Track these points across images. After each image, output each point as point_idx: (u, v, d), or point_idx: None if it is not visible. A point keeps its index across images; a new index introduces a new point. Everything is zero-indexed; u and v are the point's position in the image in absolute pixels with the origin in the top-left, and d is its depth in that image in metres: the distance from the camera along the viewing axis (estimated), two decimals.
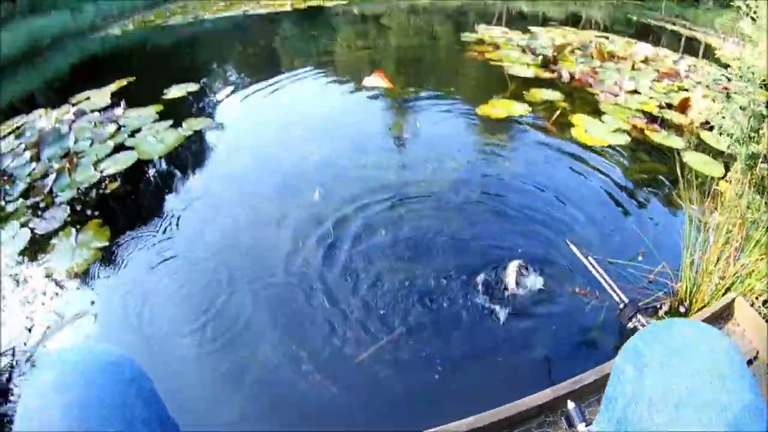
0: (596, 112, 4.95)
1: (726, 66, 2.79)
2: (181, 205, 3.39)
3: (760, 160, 2.60)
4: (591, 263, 2.46)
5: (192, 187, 3.67)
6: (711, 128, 4.26)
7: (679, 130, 4.69)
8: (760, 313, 2.17)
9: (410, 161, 3.87)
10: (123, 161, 3.97)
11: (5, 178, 3.84)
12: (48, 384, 0.64)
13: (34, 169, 3.95)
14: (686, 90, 5.83)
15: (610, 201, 3.43)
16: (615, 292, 2.10)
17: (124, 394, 0.66)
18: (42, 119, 5.01)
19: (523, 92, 5.40)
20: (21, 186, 3.72)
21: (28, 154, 4.18)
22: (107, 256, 2.91)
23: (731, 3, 2.73)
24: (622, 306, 1.96)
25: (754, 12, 2.65)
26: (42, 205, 3.44)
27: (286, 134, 4.44)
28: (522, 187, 3.54)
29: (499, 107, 4.96)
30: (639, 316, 1.90)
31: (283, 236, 2.98)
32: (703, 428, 0.61)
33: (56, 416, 0.62)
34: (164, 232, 3.09)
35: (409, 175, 3.62)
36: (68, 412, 0.62)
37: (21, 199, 3.54)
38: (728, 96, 3.00)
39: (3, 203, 3.50)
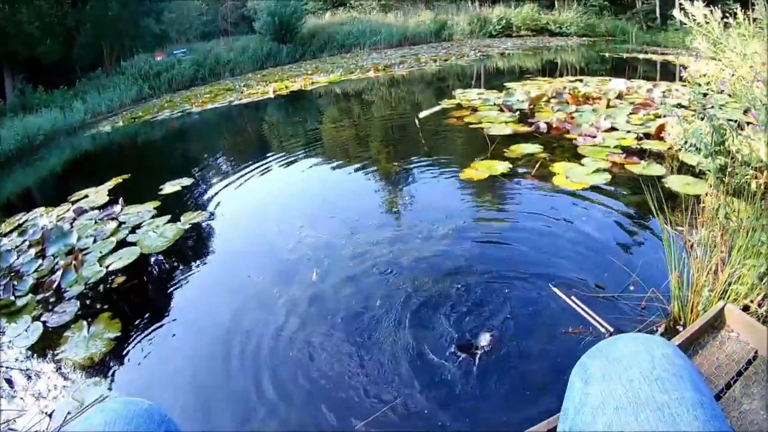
0: (576, 157, 5.04)
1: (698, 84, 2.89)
2: (185, 294, 3.48)
3: (728, 170, 2.66)
4: (575, 302, 2.57)
5: (194, 278, 3.76)
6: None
7: (659, 157, 4.79)
8: (757, 316, 2.22)
9: (400, 234, 3.92)
10: (126, 256, 4.08)
11: (13, 274, 3.97)
12: (95, 425, 0.76)
13: (41, 266, 4.10)
14: (662, 116, 5.90)
15: (597, 240, 3.49)
16: (600, 323, 2.25)
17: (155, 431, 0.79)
18: (43, 217, 5.26)
19: (504, 150, 5.50)
20: (29, 282, 3.85)
21: (33, 251, 4.36)
22: (119, 347, 2.97)
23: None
24: (608, 335, 2.04)
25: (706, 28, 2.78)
26: (52, 300, 3.55)
27: (280, 218, 4.53)
28: (508, 242, 3.59)
29: (481, 168, 5.04)
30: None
31: (282, 316, 3.03)
32: (640, 427, 0.65)
33: None
34: (172, 320, 3.16)
35: (401, 248, 3.66)
36: None
37: (30, 295, 3.66)
38: (701, 116, 3.11)
39: (13, 298, 3.63)
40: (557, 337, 2.58)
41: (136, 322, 3.19)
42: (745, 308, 2.27)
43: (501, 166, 5.04)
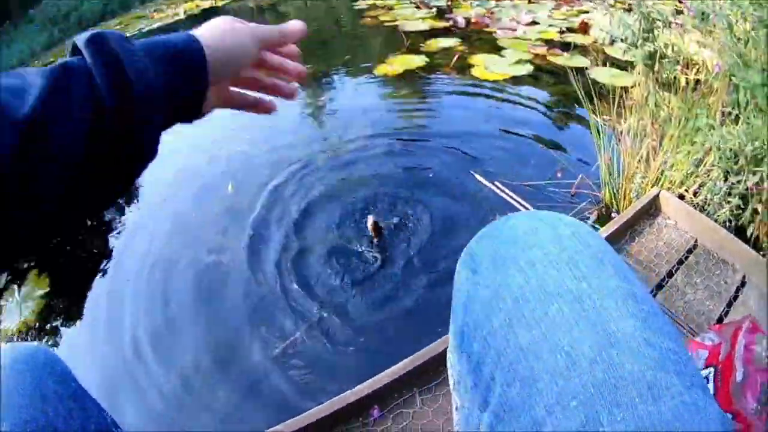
0: (496, 50, 4.86)
1: None
2: (110, 232, 3.26)
3: (658, 57, 2.56)
4: (498, 187, 2.41)
5: (115, 213, 3.50)
6: (613, 42, 4.25)
7: (583, 49, 4.67)
8: (693, 205, 2.16)
9: (316, 135, 3.78)
10: None
11: None
12: None
13: None
14: (586, 12, 5.80)
15: (521, 129, 3.40)
16: (527, 209, 2.14)
17: (38, 375, 0.75)
18: None
19: (420, 45, 5.26)
20: None
21: None
22: (50, 302, 2.81)
23: None
24: None
25: None
26: None
27: (193, 134, 4.13)
28: (427, 135, 3.49)
29: (396, 64, 4.80)
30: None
31: (203, 236, 2.89)
32: (552, 322, 0.47)
33: None
34: (96, 262, 2.97)
35: (317, 149, 3.53)
36: None
37: None
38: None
39: None
40: (484, 224, 2.39)
41: (63, 273, 3.03)
42: (681, 197, 2.23)
43: (417, 61, 4.83)
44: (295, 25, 0.76)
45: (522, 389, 0.45)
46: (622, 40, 2.75)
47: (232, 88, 0.75)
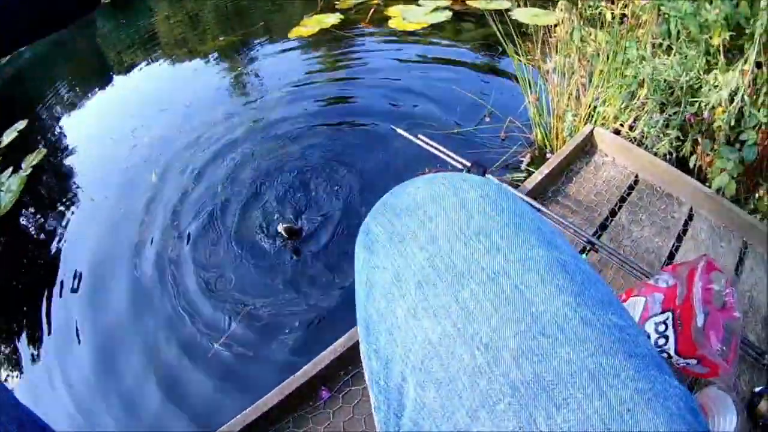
0: (411, 0, 4.72)
1: None
2: (43, 241, 3.17)
3: None
4: (423, 140, 2.38)
5: (48, 219, 3.39)
6: None
7: None
8: (630, 140, 2.11)
9: (235, 109, 3.67)
10: None
11: None
12: None
13: None
14: None
15: (444, 78, 3.34)
16: (455, 159, 1.98)
17: None
18: None
19: (335, 3, 5.09)
20: None
21: None
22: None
23: None
24: (465, 171, 1.80)
25: None
26: None
27: (113, 128, 4.06)
28: (347, 95, 3.44)
29: (310, 24, 4.65)
30: (489, 176, 1.79)
31: (131, 230, 2.81)
32: (463, 309, 0.37)
33: None
34: (38, 276, 2.85)
35: (236, 122, 3.44)
36: None
37: None
38: None
39: None
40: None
41: (11, 291, 2.88)
42: (616, 132, 2.18)
43: (331, 19, 4.70)
44: None
45: (438, 392, 0.38)
46: None
47: None
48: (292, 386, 1.45)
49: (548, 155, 2.36)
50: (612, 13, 2.39)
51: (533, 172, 2.01)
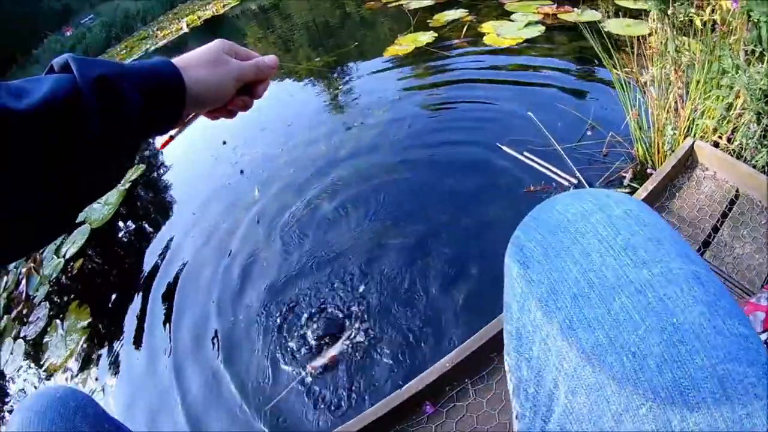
0: (504, 15, 4.76)
1: None
2: (141, 256, 3.28)
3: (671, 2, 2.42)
4: (528, 157, 2.34)
5: (146, 234, 3.57)
6: None
7: (592, 3, 4.51)
8: (729, 152, 2.05)
9: (335, 128, 3.75)
10: (79, 238, 3.79)
11: None
12: (14, 425, 0.78)
13: (7, 282, 3.82)
14: None
15: (543, 92, 3.32)
16: (561, 176, 2.06)
17: (71, 420, 0.79)
18: None
19: (427, 21, 5.20)
20: (1, 303, 3.62)
21: None
22: (94, 332, 2.85)
23: None
24: (572, 188, 1.86)
25: None
26: (24, 311, 3.35)
27: (213, 147, 4.26)
28: (447, 111, 3.44)
29: (405, 43, 4.76)
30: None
31: (233, 246, 2.90)
32: (611, 321, 0.43)
33: None
34: (132, 287, 2.98)
35: (337, 141, 3.52)
36: None
37: (5, 316, 3.45)
38: None
39: None
40: (519, 197, 2.45)
41: (103, 301, 3.05)
42: (716, 144, 2.12)
43: (425, 37, 4.79)
44: (269, 61, 0.77)
45: (588, 397, 0.43)
46: None
47: None
48: (396, 400, 1.48)
49: (649, 170, 2.34)
50: (702, 20, 2.32)
51: (636, 188, 2.00)
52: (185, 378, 2.29)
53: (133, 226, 3.79)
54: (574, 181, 1.90)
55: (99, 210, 4.00)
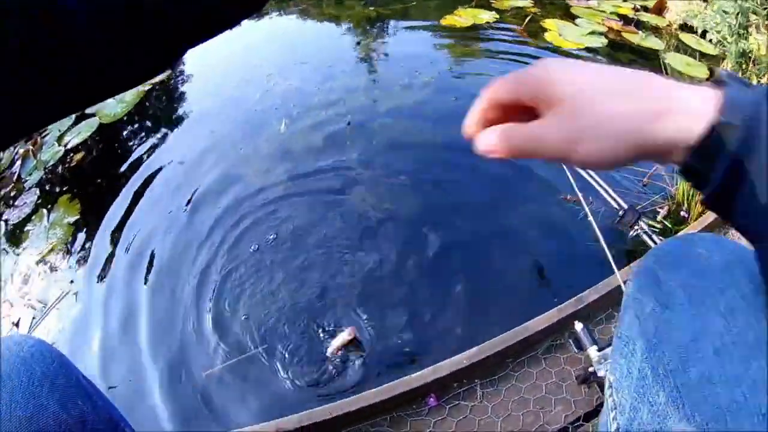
0: (569, 16, 4.68)
1: None
2: (145, 160, 3.23)
3: (752, 60, 2.46)
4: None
5: (156, 140, 3.47)
6: (690, 29, 4.10)
7: (657, 32, 4.44)
8: None
9: (378, 82, 3.69)
10: (86, 129, 3.66)
11: None
12: None
13: (1, 160, 3.68)
14: None
15: None
16: (612, 197, 1.90)
17: (35, 395, 0.64)
18: None
19: (491, 1, 5.03)
20: None
21: None
22: (79, 230, 2.79)
23: None
24: (621, 213, 1.75)
25: None
26: (12, 194, 3.24)
27: (246, 67, 4.16)
28: None
29: (465, 16, 4.65)
30: (641, 223, 1.70)
31: (246, 173, 2.85)
32: (752, 382, 0.44)
33: None
34: (131, 192, 2.94)
35: (379, 95, 3.43)
36: None
37: None
38: None
39: None
40: (552, 202, 2.46)
41: (95, 200, 3.00)
42: None
43: (486, 16, 4.68)
44: None
45: None
46: (716, 32, 2.62)
47: None
48: (403, 387, 1.49)
49: (683, 213, 2.33)
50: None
51: (668, 227, 2.05)
52: (160, 295, 2.29)
53: (144, 130, 3.69)
54: (625, 206, 1.89)
55: (112, 105, 3.88)
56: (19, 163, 3.49)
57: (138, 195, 2.88)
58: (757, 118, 0.37)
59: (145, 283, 2.35)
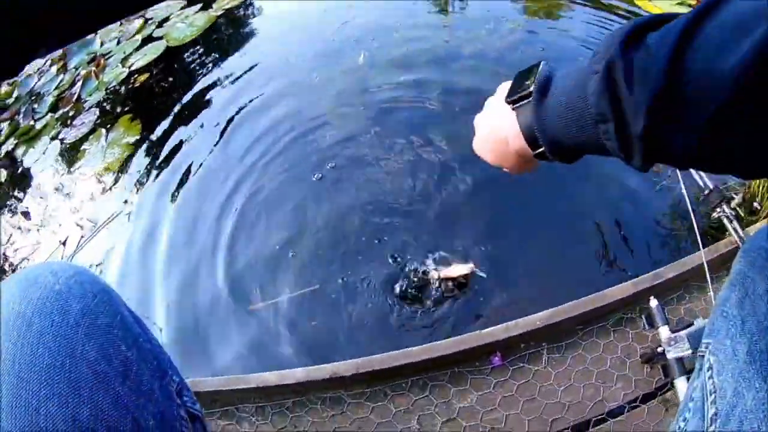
0: None
1: None
2: (213, 86, 3.19)
3: None
4: None
5: (226, 66, 3.42)
6: None
7: None
8: None
9: (463, 21, 3.51)
10: (152, 52, 3.65)
11: (33, 97, 3.60)
12: (21, 296, 0.53)
13: (62, 81, 3.68)
14: None
15: None
16: (699, 174, 1.76)
17: (70, 339, 0.52)
18: None
19: None
20: (48, 101, 3.49)
21: (54, 69, 3.87)
22: (137, 150, 2.77)
23: None
24: (707, 192, 1.66)
25: None
26: (71, 114, 3.24)
27: (330, 3, 3.96)
28: (583, 48, 3.11)
29: None
30: (724, 207, 1.61)
31: (321, 107, 2.75)
32: None
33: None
34: (196, 118, 2.91)
35: (463, 36, 3.24)
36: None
37: (50, 114, 3.35)
38: None
39: (33, 122, 3.32)
40: (638, 178, 2.25)
41: (158, 122, 2.94)
42: None
43: None
44: None
45: None
46: None
47: None
48: (471, 342, 1.45)
49: (755, 204, 2.14)
50: None
51: (740, 215, 1.95)
52: (225, 218, 2.24)
53: (212, 55, 3.61)
54: (710, 185, 1.76)
55: (182, 29, 3.82)
56: (80, 84, 3.48)
57: (199, 121, 2.85)
58: (543, 115, 0.56)
59: (207, 206, 2.31)
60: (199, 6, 4.14)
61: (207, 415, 1.42)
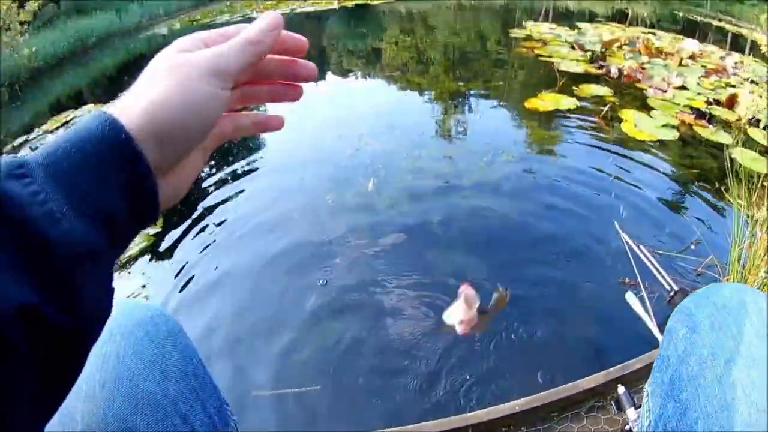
0: (645, 107, 4.93)
1: None
2: (238, 195, 3.46)
3: None
4: (642, 251, 2.43)
5: (249, 179, 3.73)
6: (758, 124, 4.35)
7: (727, 126, 4.65)
8: None
9: (462, 155, 3.92)
10: None
11: None
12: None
13: None
14: (733, 86, 5.78)
15: (660, 194, 3.43)
16: (665, 279, 2.06)
17: (160, 347, 0.68)
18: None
19: (573, 87, 5.40)
20: None
21: None
22: (159, 241, 2.99)
23: None
24: (672, 294, 1.90)
25: None
26: None
27: (341, 125, 4.48)
28: (571, 181, 3.54)
29: (548, 100, 4.99)
30: None
31: (331, 226, 2.99)
32: (750, 383, 0.60)
33: (92, 367, 0.63)
34: (216, 225, 3.15)
35: (462, 169, 3.67)
36: (103, 365, 0.64)
37: None
38: None
39: None
40: (612, 286, 2.53)
41: (175, 221, 3.18)
42: None
43: (568, 102, 4.99)
44: (267, 26, 0.46)
45: None
46: None
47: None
48: (454, 423, 1.58)
49: None
50: None
51: None
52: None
53: (236, 167, 3.90)
54: (675, 289, 1.85)
55: None
56: None
57: (219, 230, 3.09)
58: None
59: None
60: None
61: None
